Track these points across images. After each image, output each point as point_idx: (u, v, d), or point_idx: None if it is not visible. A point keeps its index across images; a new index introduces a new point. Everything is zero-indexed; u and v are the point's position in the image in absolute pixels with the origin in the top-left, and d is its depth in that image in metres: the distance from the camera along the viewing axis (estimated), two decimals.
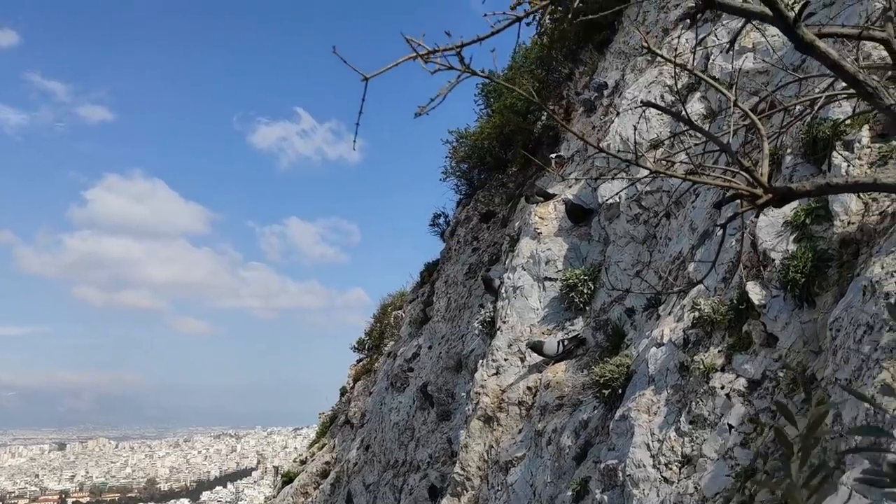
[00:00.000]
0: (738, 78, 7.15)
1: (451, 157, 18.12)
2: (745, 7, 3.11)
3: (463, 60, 2.87)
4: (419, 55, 2.97)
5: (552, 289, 10.05)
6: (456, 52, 2.94)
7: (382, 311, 22.80)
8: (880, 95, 2.89)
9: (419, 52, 3.02)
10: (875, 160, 4.93)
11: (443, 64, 2.92)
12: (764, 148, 3.44)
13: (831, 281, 4.79)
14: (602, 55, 14.49)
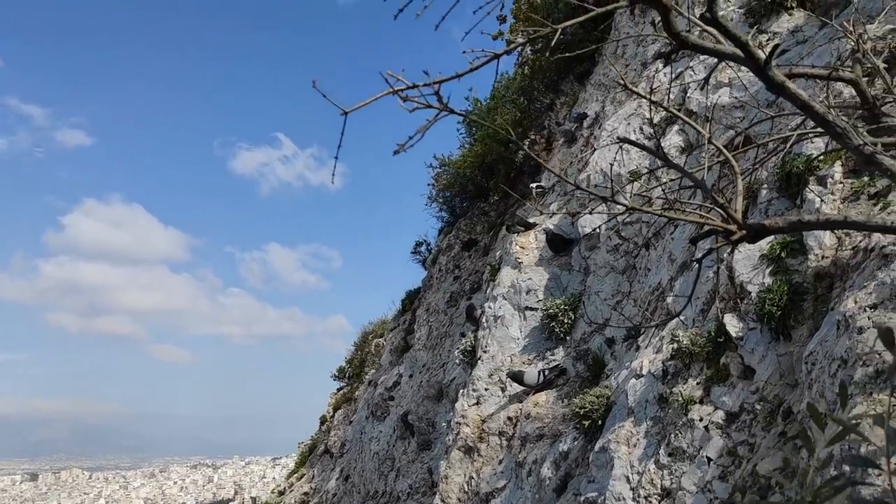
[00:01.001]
0: (713, 113, 7.26)
1: (434, 185, 18.20)
2: (717, 48, 3.17)
3: (441, 98, 2.90)
4: (396, 91, 2.99)
5: (533, 318, 10.06)
6: (434, 89, 2.97)
7: (363, 339, 22.68)
8: (849, 136, 2.95)
9: (396, 89, 3.05)
10: (848, 195, 5.01)
11: (420, 102, 2.95)
12: (738, 185, 3.50)
13: (806, 314, 4.84)
14: (583, 86, 14.70)
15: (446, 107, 2.93)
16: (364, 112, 3.14)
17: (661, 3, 3.11)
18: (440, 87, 2.94)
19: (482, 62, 3.35)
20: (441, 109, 2.94)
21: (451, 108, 2.95)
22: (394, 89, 3.00)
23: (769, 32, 8.12)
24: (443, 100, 2.92)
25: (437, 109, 2.94)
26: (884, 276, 3.86)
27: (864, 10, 6.07)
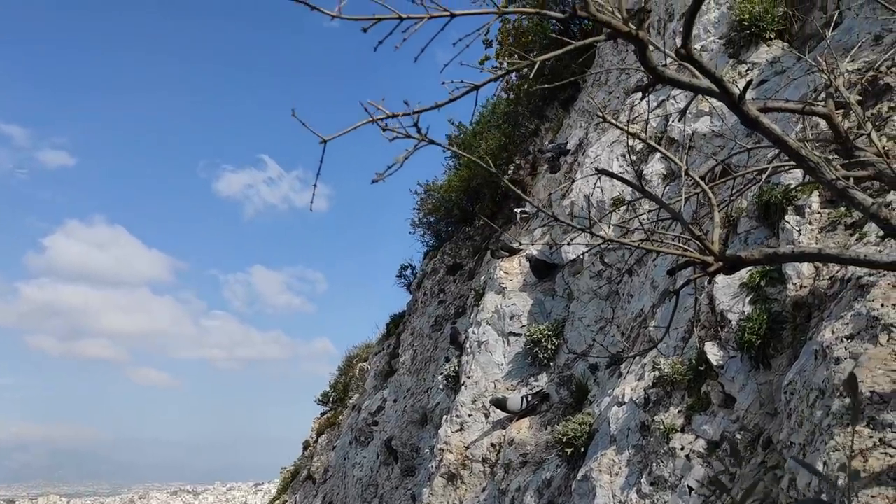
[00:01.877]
0: (693, 141, 7.34)
1: (420, 209, 18.24)
2: (693, 83, 3.21)
3: (419, 129, 2.91)
4: (376, 120, 3.01)
5: (517, 344, 10.04)
6: (413, 119, 2.98)
7: (348, 363, 22.54)
8: (822, 170, 2.99)
9: (376, 118, 3.06)
10: (825, 225, 5.07)
11: (400, 131, 2.96)
12: (715, 216, 3.53)
13: (785, 343, 4.87)
14: (567, 112, 14.84)
15: (425, 137, 2.94)
16: (350, 134, 3.14)
17: (638, 38, 3.16)
18: (419, 118, 2.96)
19: (462, 93, 3.38)
20: (420, 139, 2.95)
21: (431, 138, 2.97)
22: (373, 118, 3.02)
23: (748, 63, 8.25)
24: (421, 130, 2.93)
25: (417, 139, 2.96)
26: (860, 307, 3.89)
27: (840, 44, 6.19)
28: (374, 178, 2.99)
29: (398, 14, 2.99)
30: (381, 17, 2.99)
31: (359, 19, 3.01)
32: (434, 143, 2.99)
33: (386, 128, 2.92)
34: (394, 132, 3.00)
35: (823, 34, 5.06)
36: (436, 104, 3.28)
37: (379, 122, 3.05)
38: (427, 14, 3.08)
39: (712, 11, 9.22)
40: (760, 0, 8.21)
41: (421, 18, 3.07)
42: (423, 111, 3.15)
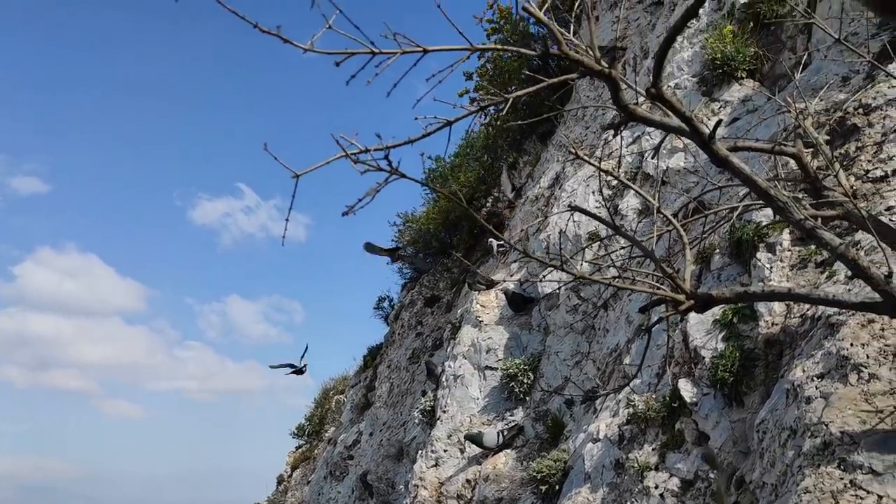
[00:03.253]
0: (664, 178, 7.41)
1: (398, 241, 18.20)
2: (664, 122, 3.24)
3: (391, 163, 2.90)
4: (348, 155, 2.99)
5: (493, 378, 9.97)
6: (384, 153, 2.97)
7: (324, 396, 22.25)
8: (790, 210, 3.01)
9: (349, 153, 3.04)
10: (796, 263, 5.11)
11: (371, 165, 2.94)
12: (687, 254, 3.53)
13: (758, 381, 4.86)
14: (545, 146, 14.96)
15: (396, 170, 2.93)
16: (329, 163, 3.11)
17: (610, 76, 3.18)
18: (389, 152, 2.95)
19: (435, 128, 3.37)
20: (391, 173, 2.93)
21: (402, 172, 2.95)
22: (345, 153, 3.00)
23: (721, 101, 8.39)
24: (392, 164, 2.92)
25: (388, 173, 2.94)
26: (830, 346, 3.90)
27: (809, 84, 6.31)
28: (345, 211, 2.96)
29: (371, 49, 2.99)
30: (354, 51, 2.99)
31: (331, 53, 3.01)
32: (405, 176, 2.97)
33: (357, 161, 2.90)
34: (365, 165, 2.98)
35: (792, 75, 5.16)
36: (409, 139, 3.27)
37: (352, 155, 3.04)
38: (400, 49, 3.08)
39: (685, 50, 9.39)
40: (732, 40, 8.38)
41: (394, 53, 3.07)
42: (395, 146, 3.14)
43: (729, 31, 8.45)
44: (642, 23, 13.11)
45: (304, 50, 2.96)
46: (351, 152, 3.05)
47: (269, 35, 2.91)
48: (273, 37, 2.92)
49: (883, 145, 4.97)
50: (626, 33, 13.40)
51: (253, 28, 2.88)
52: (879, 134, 5.05)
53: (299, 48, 2.97)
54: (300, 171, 3.09)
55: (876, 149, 5.01)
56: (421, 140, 3.35)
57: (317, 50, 2.95)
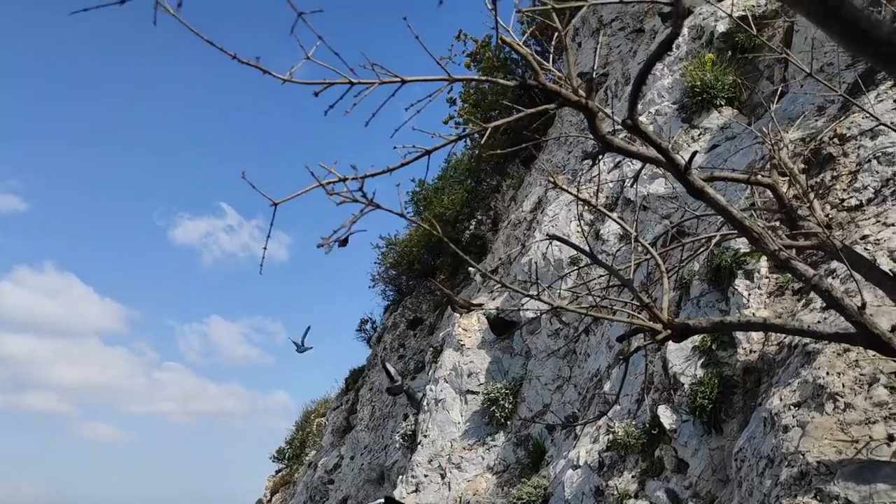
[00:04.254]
0: (645, 203, 7.47)
1: (381, 263, 18.17)
2: (640, 152, 3.26)
3: (365, 194, 2.89)
4: (322, 185, 2.98)
5: (474, 402, 9.92)
6: (359, 184, 2.96)
7: (305, 419, 22.03)
8: (765, 241, 3.04)
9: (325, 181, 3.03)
10: (773, 290, 5.15)
11: (347, 196, 2.94)
12: (664, 283, 3.55)
13: (736, 408, 4.87)
14: (528, 170, 15.05)
15: (371, 202, 2.92)
16: (312, 181, 3.10)
17: (587, 107, 3.21)
18: (363, 183, 2.94)
19: (414, 157, 3.38)
20: (367, 204, 2.93)
21: (377, 203, 2.95)
22: (320, 183, 2.99)
23: (700, 128, 8.49)
24: (368, 195, 2.91)
25: (363, 204, 2.93)
26: (806, 374, 3.92)
27: (786, 113, 6.40)
28: (320, 244, 2.94)
29: (349, 79, 3.00)
30: (332, 81, 3.00)
31: (310, 83, 3.01)
32: (381, 207, 2.97)
33: (332, 192, 2.89)
34: (341, 196, 2.97)
35: (768, 106, 5.23)
36: (388, 168, 3.27)
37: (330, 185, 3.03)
38: (378, 80, 3.09)
39: (666, 77, 9.51)
40: (711, 68, 8.50)
41: (372, 83, 3.08)
42: (373, 175, 3.14)
43: (708, 59, 8.58)
44: (624, 49, 13.29)
45: (282, 80, 2.96)
46: (327, 181, 3.04)
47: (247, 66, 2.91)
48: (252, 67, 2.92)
49: (857, 174, 5.04)
50: (608, 59, 13.57)
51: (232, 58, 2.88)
52: (854, 163, 5.12)
53: (278, 79, 2.97)
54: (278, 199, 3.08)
55: (851, 178, 5.08)
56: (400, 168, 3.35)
57: (295, 80, 2.94)
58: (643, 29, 13.10)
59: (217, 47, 2.85)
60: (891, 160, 4.89)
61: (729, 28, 8.72)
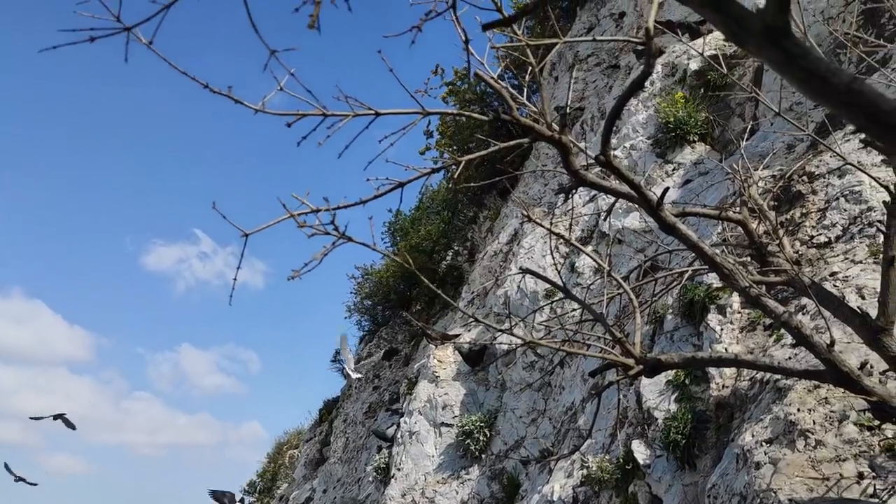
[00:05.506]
0: (620, 237, 7.52)
1: (356, 293, 18.08)
2: (613, 187, 3.28)
3: (336, 227, 2.87)
4: (294, 216, 2.95)
5: (448, 435, 9.82)
6: (332, 216, 2.94)
7: (277, 450, 21.67)
8: (735, 277, 3.05)
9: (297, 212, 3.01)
10: (745, 325, 5.18)
11: (319, 229, 2.91)
12: (637, 319, 3.55)
13: (709, 443, 4.86)
14: (505, 201, 15.14)
15: (343, 235, 2.90)
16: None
17: (561, 142, 3.23)
18: (335, 216, 2.92)
19: (387, 190, 3.37)
20: (338, 237, 2.90)
21: (349, 236, 2.92)
22: (291, 214, 2.96)
23: (674, 163, 8.61)
24: (339, 228, 2.89)
25: (335, 237, 2.91)
26: (778, 410, 3.93)
27: (757, 150, 6.51)
28: (291, 276, 2.91)
29: (322, 111, 2.99)
30: (305, 112, 2.98)
31: (283, 114, 3.00)
32: (353, 240, 2.94)
33: (303, 224, 2.87)
34: (313, 228, 2.95)
35: (738, 144, 5.32)
36: (361, 200, 3.26)
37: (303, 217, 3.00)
38: (352, 112, 3.09)
39: (640, 113, 9.66)
40: (684, 105, 8.66)
41: (345, 115, 3.07)
42: (345, 207, 3.12)
43: (681, 96, 8.74)
44: (600, 84, 13.50)
45: (255, 110, 2.95)
46: (299, 212, 3.02)
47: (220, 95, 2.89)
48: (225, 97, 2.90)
49: (826, 212, 5.12)
50: (584, 94, 13.78)
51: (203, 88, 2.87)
52: (823, 201, 5.21)
53: (250, 108, 2.96)
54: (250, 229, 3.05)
55: (820, 215, 5.16)
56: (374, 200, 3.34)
57: (268, 111, 2.93)
58: (619, 65, 13.33)
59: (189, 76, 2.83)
60: (858, 199, 4.98)
61: (701, 66, 8.91)
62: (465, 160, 3.41)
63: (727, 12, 1.62)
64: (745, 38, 1.63)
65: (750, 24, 1.62)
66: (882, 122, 1.45)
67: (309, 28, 2.47)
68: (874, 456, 3.38)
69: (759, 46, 1.63)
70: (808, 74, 1.51)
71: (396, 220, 17.39)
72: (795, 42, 1.55)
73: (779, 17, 1.56)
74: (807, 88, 1.59)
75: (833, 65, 1.35)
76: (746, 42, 1.65)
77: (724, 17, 1.62)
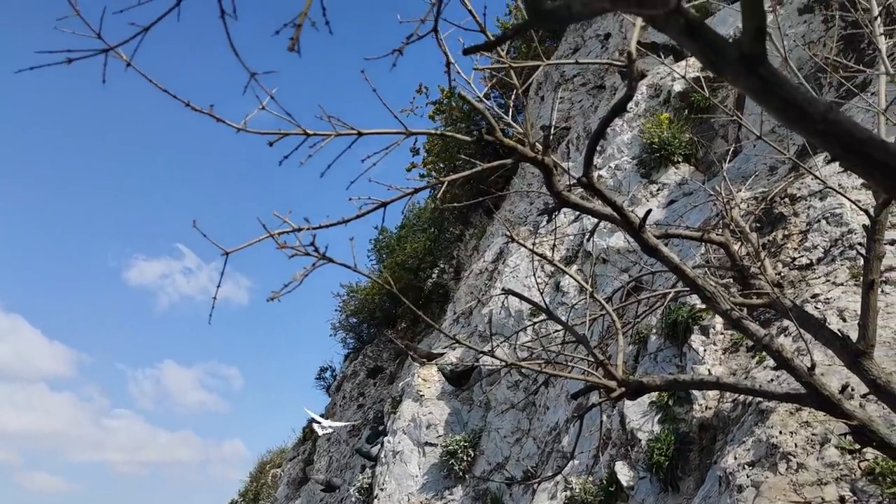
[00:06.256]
0: (605, 256, 7.54)
1: (341, 311, 18.00)
2: (596, 209, 3.28)
3: (317, 248, 2.84)
4: (273, 235, 2.92)
5: (432, 454, 9.75)
6: (312, 236, 2.91)
7: (260, 469, 21.43)
8: (717, 301, 3.05)
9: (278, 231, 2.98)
10: (728, 346, 5.19)
11: (299, 249, 2.88)
12: (619, 340, 3.54)
13: (693, 465, 4.85)
14: (490, 219, 15.17)
15: (324, 256, 2.87)
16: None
17: (543, 163, 3.23)
18: (315, 237, 2.89)
19: (369, 209, 3.35)
20: (318, 258, 2.88)
21: (329, 257, 2.90)
22: (270, 233, 2.94)
23: (659, 183, 8.66)
24: (319, 248, 2.87)
25: (315, 258, 2.89)
26: (760, 433, 3.92)
27: (740, 172, 6.57)
28: (270, 297, 2.88)
29: (304, 131, 2.98)
30: (287, 132, 2.96)
31: (264, 133, 2.97)
32: (333, 261, 2.92)
33: (283, 245, 2.84)
34: (293, 249, 2.92)
35: (720, 166, 5.36)
36: (343, 219, 3.23)
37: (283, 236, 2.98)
38: (334, 132, 3.08)
39: (625, 133, 9.72)
40: (668, 125, 8.73)
41: (328, 135, 3.06)
42: (327, 226, 3.10)
43: (665, 117, 8.81)
44: (585, 104, 13.60)
45: (237, 129, 2.93)
46: (279, 231, 2.99)
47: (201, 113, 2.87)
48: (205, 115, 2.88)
49: (808, 234, 5.16)
50: (570, 114, 13.87)
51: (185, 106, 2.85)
52: (804, 223, 5.25)
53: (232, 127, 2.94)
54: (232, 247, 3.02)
55: (801, 237, 5.19)
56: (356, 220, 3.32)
57: (249, 130, 2.90)
58: (604, 85, 13.44)
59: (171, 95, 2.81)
60: (839, 221, 5.02)
61: (685, 88, 8.99)
62: (448, 180, 3.40)
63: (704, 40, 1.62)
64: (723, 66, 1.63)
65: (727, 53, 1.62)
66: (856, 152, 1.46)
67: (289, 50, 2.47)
68: (855, 479, 3.38)
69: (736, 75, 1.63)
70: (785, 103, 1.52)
71: (382, 237, 17.38)
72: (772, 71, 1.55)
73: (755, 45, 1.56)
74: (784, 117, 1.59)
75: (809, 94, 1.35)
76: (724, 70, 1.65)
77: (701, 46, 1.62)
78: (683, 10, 1.56)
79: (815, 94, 3.83)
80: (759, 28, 1.51)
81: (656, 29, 1.83)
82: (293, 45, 2.51)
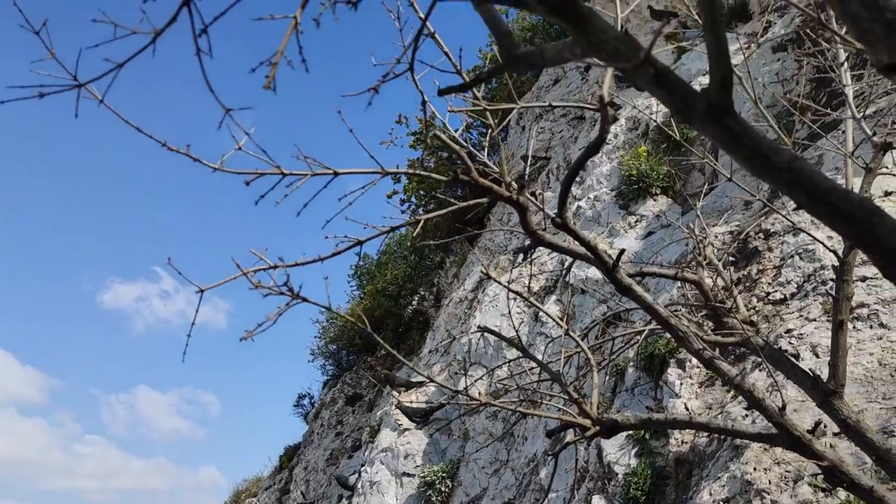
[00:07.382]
0: (584, 287, 7.58)
1: (321, 337, 17.88)
2: (570, 248, 3.31)
3: (291, 287, 2.84)
4: (245, 273, 2.92)
5: (410, 485, 9.66)
6: (286, 276, 2.91)
7: (235, 498, 21.05)
8: (690, 340, 3.08)
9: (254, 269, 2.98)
10: (704, 380, 5.22)
11: (273, 289, 2.88)
12: (594, 378, 3.55)
13: (669, 500, 4.85)
14: (471, 247, 15.21)
15: (297, 295, 2.87)
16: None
17: (518, 203, 3.26)
18: (289, 277, 2.89)
19: (345, 247, 3.36)
20: (292, 297, 2.88)
21: (304, 296, 2.90)
22: (243, 272, 2.93)
23: (637, 214, 8.76)
24: (293, 287, 2.86)
25: (289, 297, 2.88)
26: (735, 469, 3.94)
27: (716, 206, 6.66)
28: (243, 337, 2.87)
29: (280, 170, 2.99)
30: (263, 172, 2.97)
31: (241, 173, 2.98)
32: (307, 301, 2.91)
33: (258, 285, 2.84)
34: (267, 289, 2.92)
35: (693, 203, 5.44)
36: (318, 257, 3.23)
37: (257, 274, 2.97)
38: (310, 171, 3.09)
39: (604, 164, 9.84)
40: (647, 158, 8.85)
41: (304, 175, 3.07)
42: (303, 264, 3.10)
43: (643, 150, 8.93)
44: (566, 135, 13.75)
45: (213, 169, 2.93)
46: (254, 268, 2.99)
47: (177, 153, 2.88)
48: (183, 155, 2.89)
49: (782, 269, 5.23)
50: (550, 144, 14.01)
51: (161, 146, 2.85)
52: (778, 258, 5.32)
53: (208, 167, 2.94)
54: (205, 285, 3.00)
55: (775, 272, 5.26)
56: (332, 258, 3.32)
57: (226, 169, 2.91)
58: (584, 116, 13.61)
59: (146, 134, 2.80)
60: (812, 257, 5.10)
61: (663, 121, 9.13)
62: (424, 219, 3.43)
63: (671, 90, 1.66)
64: (690, 116, 1.67)
65: (694, 103, 1.65)
66: (821, 201, 1.49)
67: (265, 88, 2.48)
68: None
69: (703, 123, 1.67)
70: (752, 152, 1.55)
71: (363, 262, 17.35)
72: (738, 120, 1.59)
73: (722, 95, 1.60)
74: (750, 165, 1.63)
75: (775, 143, 1.39)
76: (691, 119, 1.69)
77: (668, 94, 1.65)
78: (653, 60, 1.60)
79: (788, 134, 3.92)
80: (724, 78, 1.55)
81: (626, 78, 1.88)
82: (269, 84, 2.53)
